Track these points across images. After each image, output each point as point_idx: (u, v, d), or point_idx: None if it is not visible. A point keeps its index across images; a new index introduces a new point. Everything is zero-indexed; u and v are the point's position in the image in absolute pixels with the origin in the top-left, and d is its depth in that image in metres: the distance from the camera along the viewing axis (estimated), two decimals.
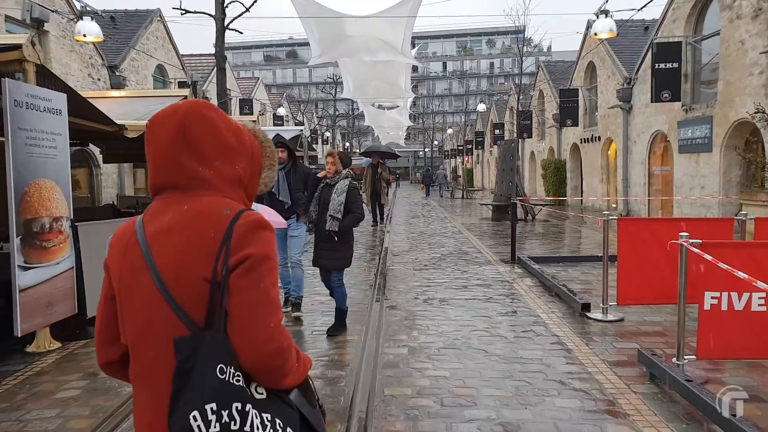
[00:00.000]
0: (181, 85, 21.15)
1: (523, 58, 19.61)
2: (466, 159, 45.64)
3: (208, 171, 1.34)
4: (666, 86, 12.76)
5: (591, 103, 20.71)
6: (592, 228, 14.31)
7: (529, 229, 14.31)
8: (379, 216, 15.93)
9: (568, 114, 20.27)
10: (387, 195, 16.11)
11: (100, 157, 14.45)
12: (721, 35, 11.80)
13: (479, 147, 40.72)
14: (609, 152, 19.10)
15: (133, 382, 1.35)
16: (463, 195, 31.10)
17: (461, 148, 46.46)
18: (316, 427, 1.35)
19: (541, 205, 17.08)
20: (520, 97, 19.06)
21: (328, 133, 45.37)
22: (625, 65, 17.30)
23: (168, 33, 21.54)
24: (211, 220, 1.29)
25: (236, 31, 18.77)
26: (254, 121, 13.54)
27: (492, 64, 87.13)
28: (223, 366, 1.19)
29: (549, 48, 74.21)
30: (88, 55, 15.97)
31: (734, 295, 4.32)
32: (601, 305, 6.00)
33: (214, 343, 1.21)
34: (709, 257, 4.04)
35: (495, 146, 35.43)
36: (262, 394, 1.26)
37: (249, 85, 36.28)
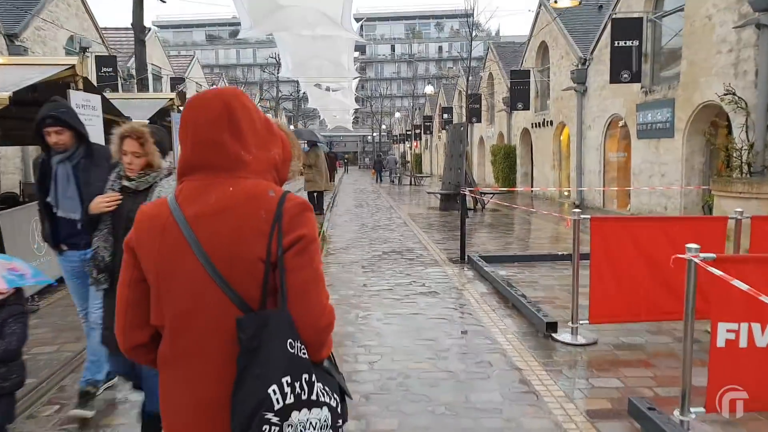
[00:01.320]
0: (99, 60, 19.04)
1: (472, 42, 18.48)
2: (415, 144, 44.62)
3: (248, 155, 1.36)
4: (625, 66, 11.85)
5: (543, 85, 19.82)
6: (544, 219, 13.39)
7: (478, 221, 13.26)
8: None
9: (519, 97, 19.31)
10: (325, 181, 14.70)
11: None
12: (685, 11, 10.92)
13: (428, 132, 39.67)
14: (561, 137, 18.28)
15: (164, 365, 1.36)
16: (411, 181, 30.01)
17: (409, 132, 45.36)
18: (345, 390, 1.39)
19: (492, 193, 16.08)
20: (470, 78, 17.97)
21: (269, 115, 43.30)
22: (579, 45, 16.41)
23: (83, 1, 19.27)
24: (259, 201, 1.31)
25: None
26: (171, 99, 11.86)
27: (440, 48, 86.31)
28: (292, 341, 1.24)
29: (497, 33, 73.89)
30: None
31: (756, 327, 3.23)
32: (570, 324, 4.88)
33: (280, 319, 1.25)
34: (742, 286, 2.90)
35: (444, 131, 34.47)
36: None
37: (184, 64, 33.97)
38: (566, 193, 18.22)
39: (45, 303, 6.07)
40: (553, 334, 4.89)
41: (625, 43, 11.88)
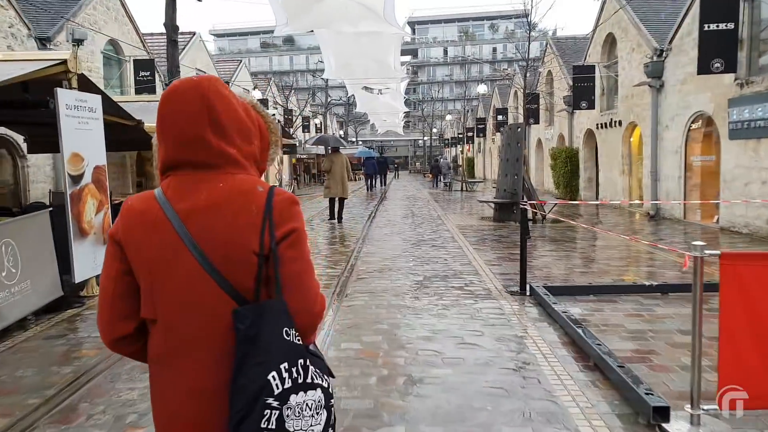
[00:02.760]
0: (138, 64, 18.46)
1: (530, 40, 16.77)
2: (467, 147, 42.85)
3: (232, 149, 1.37)
4: (717, 53, 9.99)
5: (609, 82, 17.89)
6: (615, 233, 11.64)
7: (538, 234, 11.60)
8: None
9: (582, 95, 17.45)
10: (342, 188, 13.97)
11: (25, 146, 11.95)
12: None
13: (481, 134, 37.88)
14: (632, 139, 16.32)
15: (155, 358, 1.37)
16: (462, 187, 28.36)
17: (461, 136, 43.63)
18: (331, 372, 1.42)
19: (554, 203, 14.32)
20: (527, 75, 16.24)
21: (317, 120, 42.51)
22: (653, 36, 14.48)
23: (123, 4, 18.74)
24: (250, 196, 1.34)
25: None
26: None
27: (494, 49, 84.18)
28: (287, 329, 1.30)
29: (555, 32, 71.11)
30: (8, 23, 13.25)
31: None
32: (689, 409, 3.32)
33: (276, 309, 1.30)
34: None
35: (498, 133, 32.64)
36: None
37: (232, 68, 33.71)
38: (638, 202, 16.23)
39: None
40: (664, 425, 3.33)
41: (717, 26, 10.02)
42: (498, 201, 13.85)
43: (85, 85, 7.11)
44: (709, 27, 10.02)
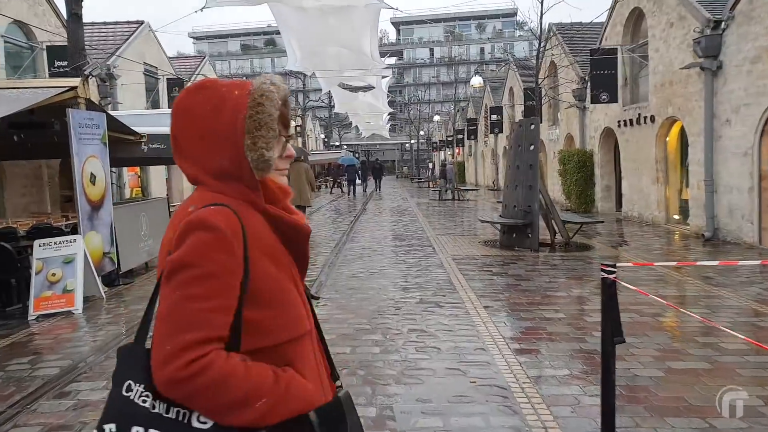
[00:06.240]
0: (52, 51, 14.91)
1: (541, 17, 13.48)
2: (457, 151, 39.57)
3: (190, 168, 1.23)
4: None
5: (634, 69, 14.62)
6: (655, 259, 8.32)
7: (564, 271, 8.19)
8: None
9: (601, 86, 14.21)
10: (300, 197, 11.14)
11: None
12: None
13: (472, 137, 34.60)
14: (668, 139, 13.04)
15: None
16: (453, 196, 25.00)
17: (450, 138, 40.34)
18: None
19: (579, 223, 10.90)
20: (539, 56, 12.74)
21: (294, 123, 39.03)
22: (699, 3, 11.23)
23: None
24: (176, 219, 1.19)
25: None
26: (73, 88, 7.34)
27: (482, 49, 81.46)
28: (132, 383, 1.08)
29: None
30: None
31: None
32: None
33: (128, 356, 1.13)
34: None
35: (491, 135, 29.39)
36: (205, 423, 1.06)
37: (194, 65, 30.13)
38: (675, 217, 12.96)
39: None
40: None
41: None
42: (507, 222, 10.44)
43: None
44: None
